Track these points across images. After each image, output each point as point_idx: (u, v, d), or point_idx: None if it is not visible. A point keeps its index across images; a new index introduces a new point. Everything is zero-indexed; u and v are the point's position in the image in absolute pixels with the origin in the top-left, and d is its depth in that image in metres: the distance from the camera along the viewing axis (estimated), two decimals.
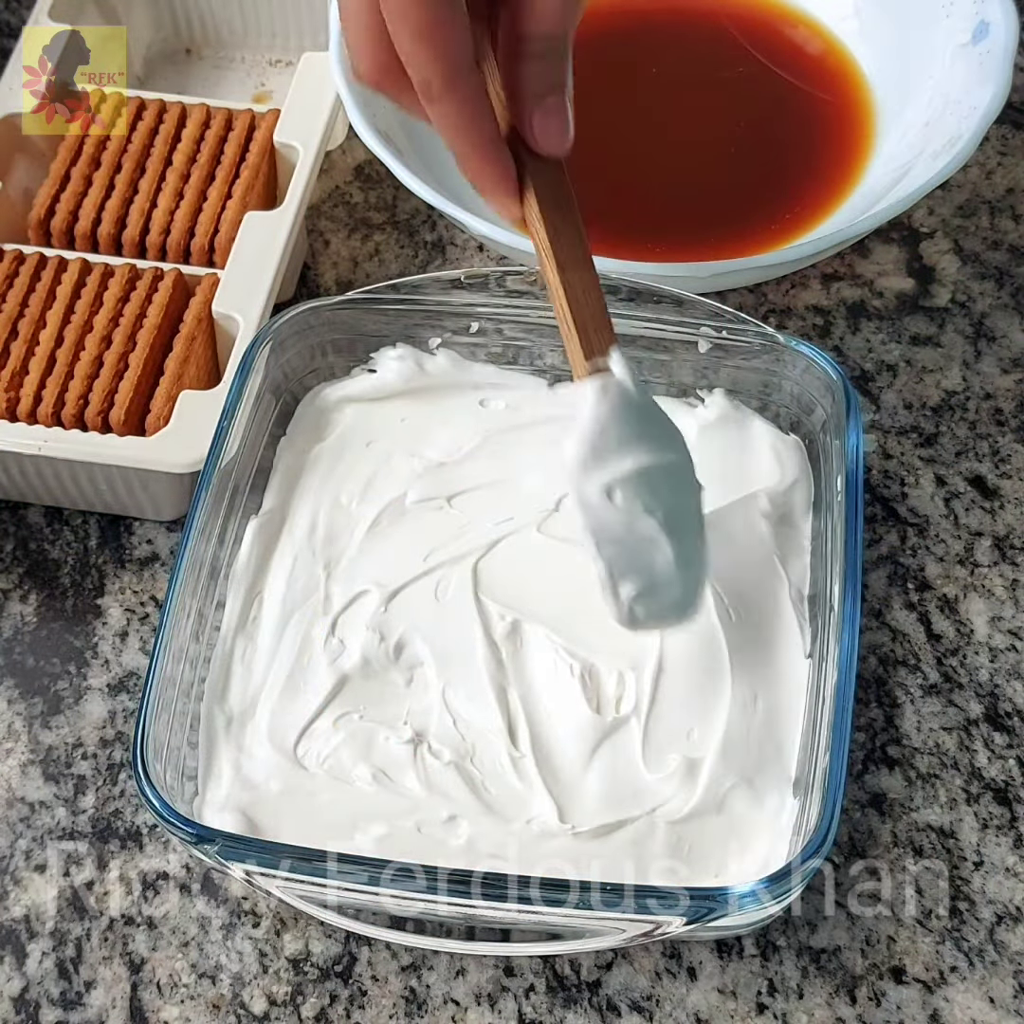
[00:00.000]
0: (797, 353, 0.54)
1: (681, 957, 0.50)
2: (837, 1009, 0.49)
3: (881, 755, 0.54)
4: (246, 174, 0.64)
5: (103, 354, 0.58)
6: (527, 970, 0.50)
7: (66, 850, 0.52)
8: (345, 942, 0.51)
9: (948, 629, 0.57)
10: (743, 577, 0.53)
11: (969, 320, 0.65)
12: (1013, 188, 0.69)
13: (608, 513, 0.46)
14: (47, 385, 0.57)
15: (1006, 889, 0.51)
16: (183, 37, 0.75)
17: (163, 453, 0.55)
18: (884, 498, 0.60)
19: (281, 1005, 0.50)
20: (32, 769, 0.54)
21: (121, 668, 0.57)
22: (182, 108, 0.66)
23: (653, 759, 0.49)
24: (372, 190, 0.70)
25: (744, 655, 0.51)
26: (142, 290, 0.59)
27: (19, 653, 0.57)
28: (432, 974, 0.50)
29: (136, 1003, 0.50)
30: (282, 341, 0.56)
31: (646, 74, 0.62)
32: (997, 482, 0.61)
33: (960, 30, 0.63)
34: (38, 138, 0.65)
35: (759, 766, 0.49)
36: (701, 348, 0.56)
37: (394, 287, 0.57)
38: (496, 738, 0.50)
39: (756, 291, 0.66)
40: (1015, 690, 0.55)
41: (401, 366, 0.58)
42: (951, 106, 0.62)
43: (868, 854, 0.52)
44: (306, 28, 0.73)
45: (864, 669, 0.56)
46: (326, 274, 0.68)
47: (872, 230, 0.59)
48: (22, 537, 0.60)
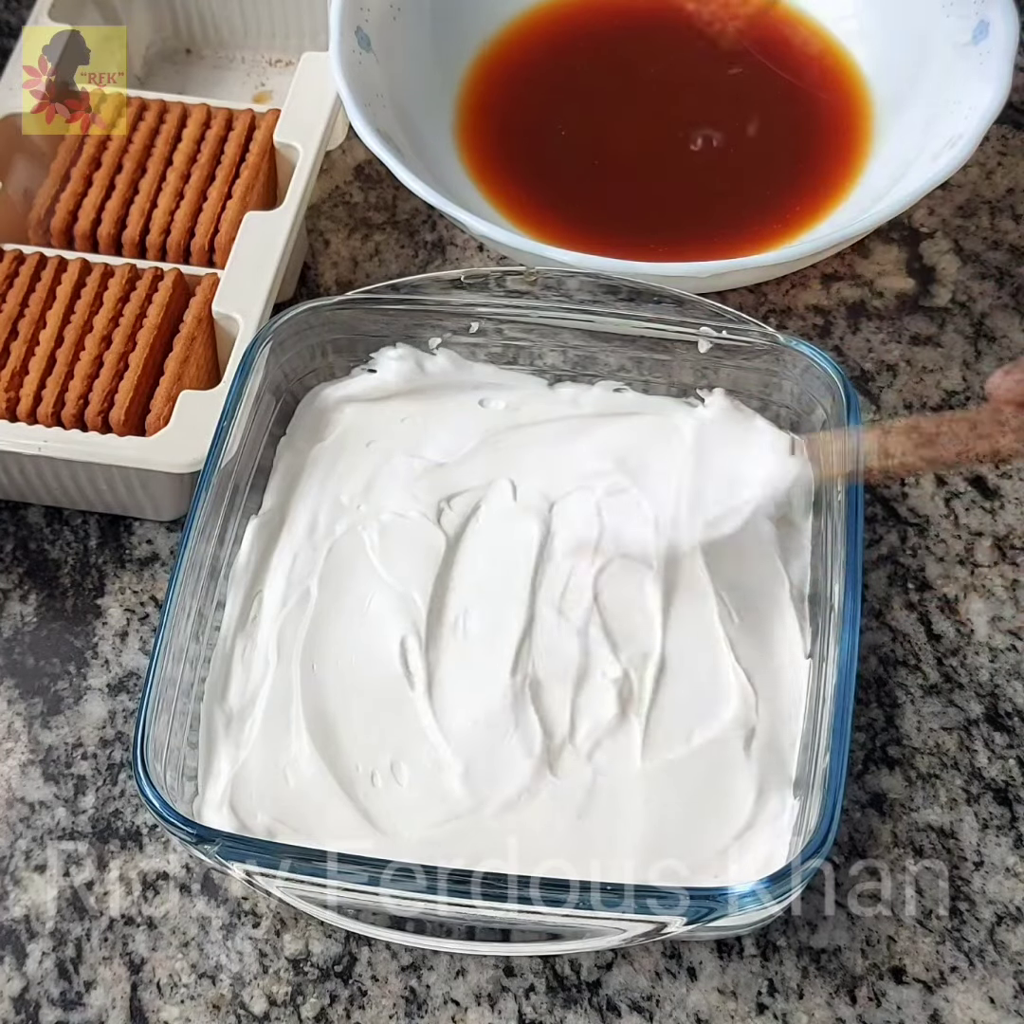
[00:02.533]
0: (797, 353, 0.54)
1: (681, 957, 0.50)
2: (837, 1009, 0.49)
3: (881, 755, 0.54)
4: (246, 174, 0.64)
5: (103, 354, 0.58)
6: (527, 970, 0.50)
7: (66, 850, 0.52)
8: (345, 942, 0.51)
9: (948, 629, 0.57)
10: (744, 577, 0.53)
11: (969, 320, 0.65)
12: (1013, 188, 0.69)
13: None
14: (47, 385, 0.57)
15: (1006, 889, 0.51)
16: (183, 37, 0.75)
17: (163, 453, 0.55)
18: (884, 498, 0.60)
19: (281, 1005, 0.50)
20: (32, 769, 0.54)
21: (121, 668, 0.57)
22: (183, 108, 0.66)
23: (653, 758, 0.49)
24: (372, 190, 0.70)
25: (745, 655, 0.51)
26: (142, 290, 0.59)
27: (19, 653, 0.57)
28: (432, 974, 0.50)
29: (136, 1003, 0.50)
30: (282, 341, 0.56)
31: (646, 74, 0.62)
32: (997, 482, 0.61)
33: (960, 30, 0.63)
34: (38, 138, 0.65)
35: (759, 766, 0.49)
36: (701, 348, 0.56)
37: (394, 287, 0.57)
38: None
39: (756, 291, 0.66)
40: (1015, 690, 0.55)
41: (401, 366, 0.58)
42: (951, 106, 0.62)
43: (868, 854, 0.52)
44: (306, 28, 0.73)
45: (864, 669, 0.56)
46: (326, 274, 0.68)
47: (872, 230, 0.59)
48: (22, 537, 0.60)
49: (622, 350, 0.57)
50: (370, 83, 0.64)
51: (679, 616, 0.52)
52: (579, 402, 0.58)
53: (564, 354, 0.58)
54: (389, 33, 0.67)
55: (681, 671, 0.51)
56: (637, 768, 0.49)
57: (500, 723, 0.50)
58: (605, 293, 0.56)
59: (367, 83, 0.64)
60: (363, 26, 0.65)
